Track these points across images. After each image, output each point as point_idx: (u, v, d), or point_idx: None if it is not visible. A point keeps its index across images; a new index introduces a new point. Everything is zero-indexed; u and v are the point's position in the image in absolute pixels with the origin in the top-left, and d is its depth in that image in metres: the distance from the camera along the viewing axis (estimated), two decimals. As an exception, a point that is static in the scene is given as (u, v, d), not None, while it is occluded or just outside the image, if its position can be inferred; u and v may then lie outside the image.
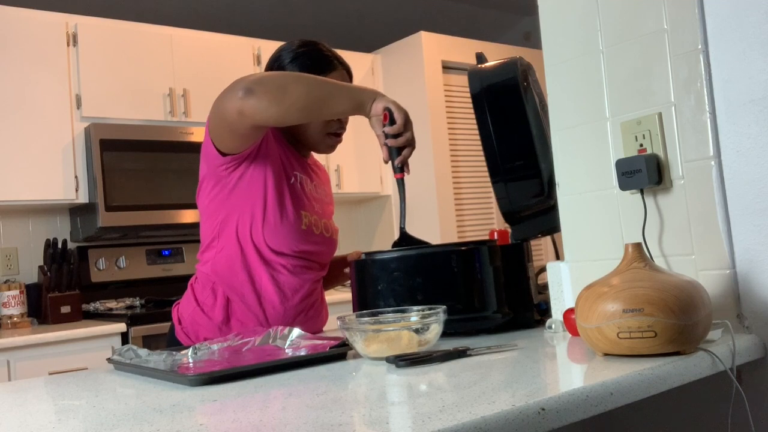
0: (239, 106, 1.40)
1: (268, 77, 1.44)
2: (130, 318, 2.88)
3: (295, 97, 1.40)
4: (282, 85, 1.41)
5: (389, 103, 1.46)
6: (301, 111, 1.44)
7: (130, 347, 1.31)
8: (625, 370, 0.94)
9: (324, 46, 1.67)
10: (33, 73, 3.07)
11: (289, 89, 1.40)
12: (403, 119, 1.45)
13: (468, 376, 0.99)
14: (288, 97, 1.40)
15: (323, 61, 1.63)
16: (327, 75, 1.62)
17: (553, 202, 1.47)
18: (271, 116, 1.41)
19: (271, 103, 1.39)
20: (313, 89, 1.43)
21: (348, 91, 1.46)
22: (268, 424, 0.80)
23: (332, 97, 1.44)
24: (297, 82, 1.43)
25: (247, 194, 1.54)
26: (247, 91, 1.38)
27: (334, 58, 1.65)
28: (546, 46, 1.43)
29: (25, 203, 3.05)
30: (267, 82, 1.41)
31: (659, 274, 1.04)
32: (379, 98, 1.46)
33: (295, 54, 1.63)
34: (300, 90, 1.41)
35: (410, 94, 4.07)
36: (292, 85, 1.41)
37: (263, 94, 1.39)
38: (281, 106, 1.40)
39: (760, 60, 1.14)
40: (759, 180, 1.14)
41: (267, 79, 1.42)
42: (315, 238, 1.61)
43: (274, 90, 1.40)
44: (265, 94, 1.39)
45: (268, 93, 1.39)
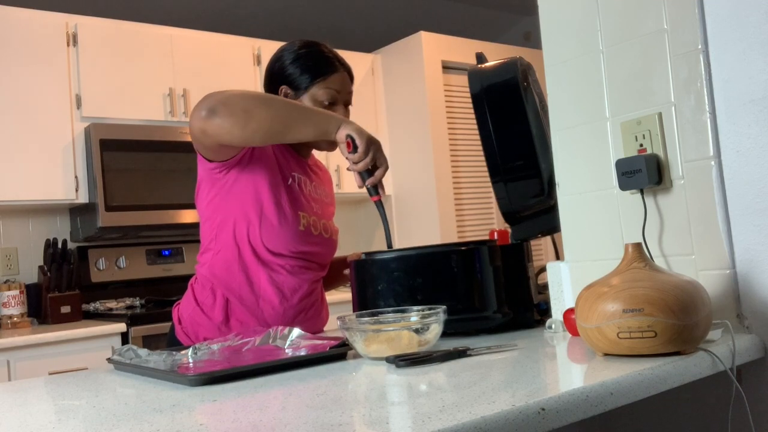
0: (202, 126, 1.41)
1: (234, 98, 1.41)
2: (130, 318, 2.88)
3: (258, 121, 1.39)
4: (247, 109, 1.39)
5: (351, 131, 1.44)
6: (265, 135, 1.43)
7: (130, 347, 1.31)
8: (625, 370, 0.94)
9: (326, 47, 1.67)
10: (33, 73, 3.07)
11: (253, 113, 1.39)
12: (364, 145, 1.44)
13: (468, 376, 0.99)
14: (252, 121, 1.39)
15: (325, 63, 1.63)
16: (328, 76, 1.62)
17: (553, 202, 1.47)
18: (234, 138, 1.42)
19: (234, 126, 1.39)
20: (279, 114, 1.42)
21: (314, 118, 1.45)
22: (267, 424, 0.80)
23: (297, 123, 1.43)
24: (263, 105, 1.41)
25: (243, 196, 1.54)
26: (210, 112, 1.38)
27: (336, 59, 1.65)
28: (546, 46, 1.43)
29: (25, 203, 3.05)
30: (232, 103, 1.39)
31: (659, 274, 1.04)
32: (344, 125, 1.45)
33: (296, 55, 1.63)
34: (265, 114, 1.40)
35: (410, 94, 4.07)
36: (257, 109, 1.40)
37: (227, 116, 1.38)
38: (244, 129, 1.39)
39: (760, 60, 1.14)
40: (759, 180, 1.14)
41: (233, 100, 1.40)
42: (314, 239, 1.61)
43: (239, 112, 1.39)
44: (228, 116, 1.38)
45: (231, 115, 1.38)
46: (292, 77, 1.62)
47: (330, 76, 1.62)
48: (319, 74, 1.61)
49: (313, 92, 1.61)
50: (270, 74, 1.67)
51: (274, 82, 1.65)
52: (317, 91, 1.61)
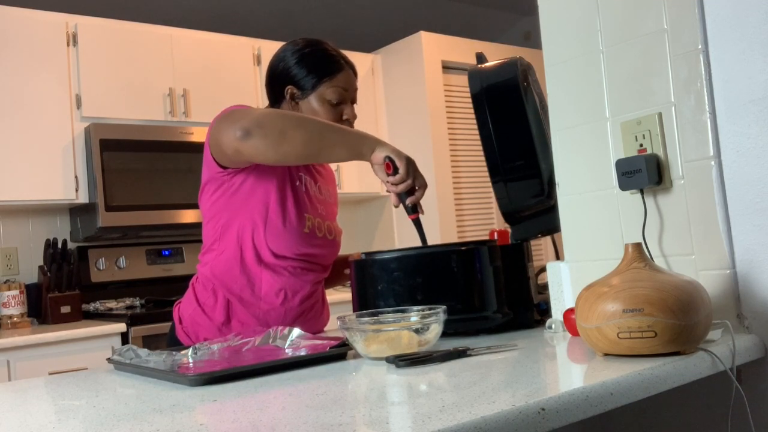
0: (236, 146, 1.42)
1: (268, 119, 1.42)
2: (130, 318, 2.88)
3: (293, 145, 1.40)
4: (282, 131, 1.40)
5: (390, 152, 1.44)
6: (298, 157, 1.46)
7: (130, 347, 1.31)
8: (625, 370, 0.94)
9: (329, 45, 1.66)
10: (33, 73, 3.07)
11: (288, 135, 1.40)
12: (405, 167, 1.44)
13: (468, 376, 0.99)
14: (286, 144, 1.40)
15: (330, 62, 1.62)
16: (335, 75, 1.61)
17: (553, 202, 1.47)
18: (268, 159, 1.44)
19: (269, 148, 1.40)
20: (313, 137, 1.42)
21: (347, 140, 1.46)
22: (267, 424, 0.80)
23: (331, 146, 1.44)
24: (297, 128, 1.41)
25: (249, 198, 1.54)
26: (245, 133, 1.39)
27: (341, 58, 1.65)
28: (546, 46, 1.43)
29: (25, 203, 3.05)
30: (267, 125, 1.40)
31: (659, 274, 1.04)
32: (379, 147, 1.45)
33: (301, 55, 1.62)
34: (299, 138, 1.40)
35: (410, 94, 4.07)
36: (291, 132, 1.40)
37: (262, 138, 1.39)
38: (278, 152, 1.41)
39: (760, 60, 1.14)
40: (759, 180, 1.14)
41: (267, 122, 1.41)
42: (318, 241, 1.61)
43: (274, 134, 1.40)
44: (263, 138, 1.39)
45: (266, 137, 1.39)
46: (298, 77, 1.61)
47: (337, 75, 1.62)
48: (326, 74, 1.60)
49: (321, 92, 1.60)
50: (273, 75, 1.66)
51: (278, 83, 1.64)
52: (325, 90, 1.60)
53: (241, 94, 3.57)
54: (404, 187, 1.46)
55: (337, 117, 1.62)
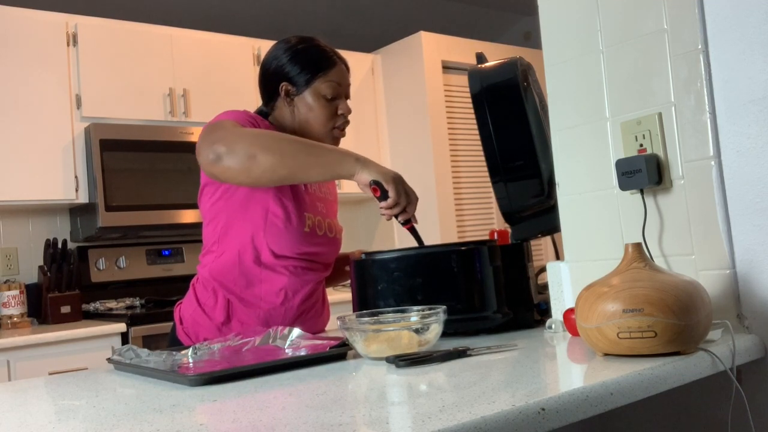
0: (210, 170, 1.44)
1: (241, 143, 1.40)
2: (130, 318, 2.88)
3: (263, 169, 1.39)
4: (251, 155, 1.38)
5: (375, 174, 1.40)
6: (271, 181, 1.44)
7: (130, 347, 1.31)
8: (625, 370, 0.94)
9: (321, 41, 1.67)
10: (33, 73, 3.07)
11: (257, 160, 1.38)
12: (395, 191, 1.41)
13: (468, 376, 0.99)
14: (256, 169, 1.39)
15: (323, 57, 1.63)
16: (329, 70, 1.62)
17: (553, 202, 1.47)
18: (242, 183, 1.45)
19: (239, 173, 1.41)
20: (285, 160, 1.40)
21: (324, 161, 1.42)
22: (267, 424, 0.80)
23: (305, 168, 1.42)
24: (268, 152, 1.39)
25: (248, 200, 1.53)
26: (216, 158, 1.40)
27: (333, 54, 1.65)
28: (546, 46, 1.43)
29: (25, 203, 3.05)
30: (237, 150, 1.39)
31: (659, 274, 1.04)
32: (362, 168, 1.40)
33: (294, 52, 1.63)
34: (270, 162, 1.38)
35: (410, 94, 4.06)
36: (261, 156, 1.38)
37: (231, 162, 1.39)
38: (250, 176, 1.41)
39: (760, 60, 1.14)
40: (759, 180, 1.14)
41: (238, 147, 1.40)
42: (318, 240, 1.61)
43: (243, 160, 1.39)
44: (233, 162, 1.39)
45: (237, 163, 1.39)
46: (292, 74, 1.62)
47: (330, 70, 1.62)
48: (319, 69, 1.61)
49: (316, 87, 1.61)
50: (267, 73, 1.66)
51: (272, 81, 1.64)
52: (320, 85, 1.61)
53: (241, 94, 3.57)
54: (398, 209, 1.44)
55: (332, 111, 1.62)
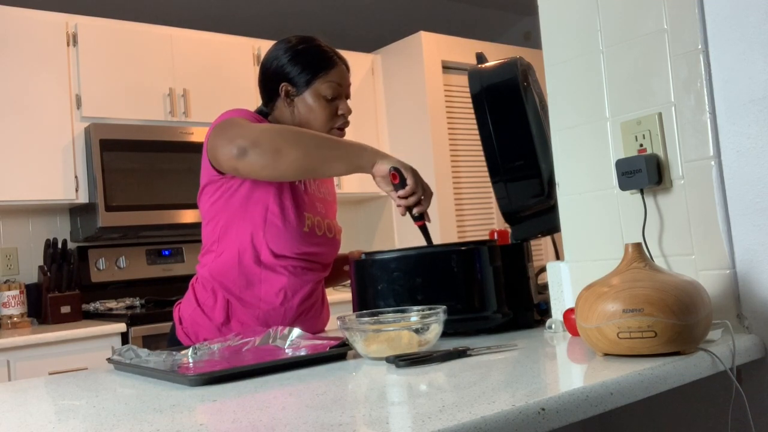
0: (234, 165, 1.45)
1: (264, 137, 1.43)
2: (130, 318, 2.88)
3: (289, 162, 1.42)
4: (277, 149, 1.41)
5: (395, 163, 1.45)
6: (296, 173, 1.47)
7: (130, 347, 1.31)
8: (625, 370, 0.94)
9: (321, 41, 1.67)
10: (33, 73, 3.07)
11: (284, 153, 1.41)
12: (413, 180, 1.45)
13: (468, 376, 0.99)
14: (282, 162, 1.41)
15: (324, 58, 1.63)
16: (329, 71, 1.62)
17: (553, 202, 1.47)
18: (266, 177, 1.47)
19: (265, 167, 1.42)
20: (310, 153, 1.44)
21: (346, 154, 1.46)
22: (267, 424, 0.80)
23: (329, 161, 1.45)
24: (294, 145, 1.43)
25: (248, 200, 1.54)
26: (241, 152, 1.41)
27: (334, 54, 1.65)
28: (546, 46, 1.43)
29: (25, 203, 3.05)
30: (262, 143, 1.42)
31: (659, 274, 1.04)
32: (381, 160, 1.46)
33: (294, 52, 1.63)
34: (295, 155, 1.42)
35: (410, 94, 4.06)
36: (287, 149, 1.42)
37: (258, 156, 1.41)
38: (276, 170, 1.43)
39: (760, 60, 1.14)
40: (759, 180, 1.14)
41: (263, 140, 1.42)
42: (318, 240, 1.61)
43: (270, 153, 1.41)
44: (259, 157, 1.41)
45: (262, 156, 1.41)
46: (293, 74, 1.61)
47: (331, 70, 1.62)
48: (320, 69, 1.61)
49: (316, 87, 1.60)
50: (267, 73, 1.65)
51: (272, 81, 1.64)
52: (320, 86, 1.60)
53: (241, 94, 3.57)
54: (414, 199, 1.46)
55: (332, 112, 1.62)
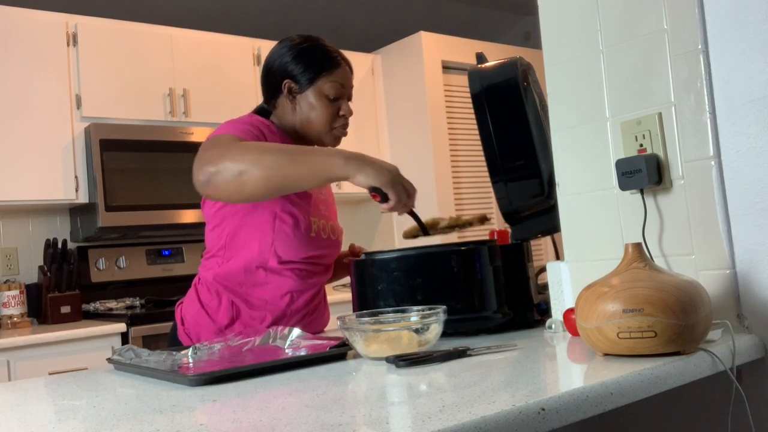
0: (204, 192, 1.42)
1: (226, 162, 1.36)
2: (130, 318, 2.88)
3: (254, 186, 1.35)
4: (239, 174, 1.34)
5: (373, 179, 1.34)
6: (265, 196, 1.41)
7: (130, 347, 1.31)
8: (625, 370, 0.94)
9: (326, 41, 1.67)
10: (33, 73, 3.07)
11: (247, 178, 1.34)
12: (394, 193, 1.36)
13: (468, 376, 0.99)
14: (246, 187, 1.35)
15: (328, 57, 1.62)
16: (333, 71, 1.61)
17: (553, 202, 1.47)
18: (237, 201, 1.44)
19: (232, 194, 1.39)
20: (275, 173, 1.35)
21: (314, 169, 1.36)
22: (268, 424, 0.80)
23: (297, 178, 1.37)
24: (255, 167, 1.34)
25: (255, 206, 1.52)
26: (206, 181, 1.38)
27: (338, 54, 1.65)
28: (546, 46, 1.43)
29: (25, 203, 3.05)
30: (224, 170, 1.35)
31: (659, 274, 1.04)
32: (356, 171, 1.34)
33: (299, 50, 1.62)
34: (258, 177, 1.34)
35: (410, 94, 4.06)
36: (249, 174, 1.34)
37: (222, 185, 1.37)
38: (242, 195, 1.38)
39: (760, 60, 1.14)
40: (759, 180, 1.14)
41: (224, 168, 1.36)
42: (323, 243, 1.61)
43: (232, 180, 1.35)
44: (223, 185, 1.37)
45: (226, 184, 1.36)
46: (296, 72, 1.61)
47: (335, 70, 1.62)
48: (324, 69, 1.61)
49: (319, 86, 1.60)
50: (270, 70, 1.65)
51: (275, 78, 1.64)
52: (323, 85, 1.60)
53: (241, 94, 3.57)
54: (399, 207, 1.40)
55: (334, 112, 1.62)
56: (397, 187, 1.37)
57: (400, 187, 1.38)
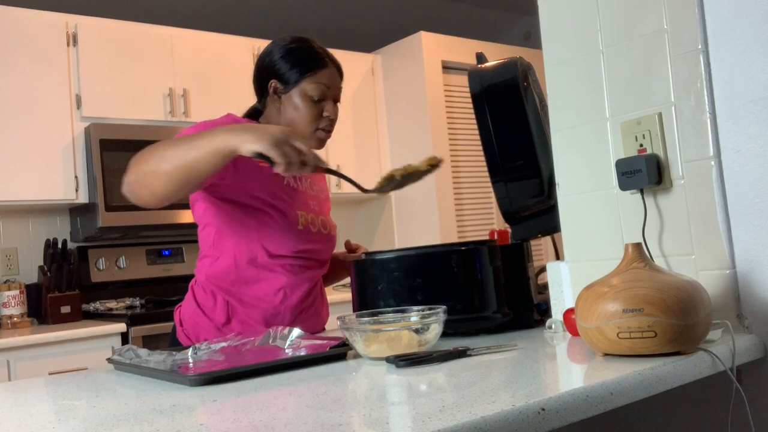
0: (132, 202, 1.43)
1: (133, 171, 1.37)
2: (130, 318, 2.88)
3: (161, 185, 1.34)
4: (144, 177, 1.35)
5: (252, 145, 1.28)
6: (177, 190, 1.37)
7: (130, 347, 1.31)
8: (625, 370, 0.94)
9: (315, 42, 1.67)
10: (33, 73, 3.07)
11: (152, 180, 1.34)
12: (278, 155, 1.27)
13: (468, 376, 0.99)
14: (157, 189, 1.35)
15: (314, 58, 1.62)
16: (318, 71, 1.60)
17: (553, 202, 1.47)
18: (157, 205, 1.41)
19: (149, 198, 1.38)
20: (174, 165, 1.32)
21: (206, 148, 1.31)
22: (268, 424, 0.80)
23: (194, 164, 1.32)
24: (158, 164, 1.34)
25: (239, 203, 1.54)
26: (126, 192, 1.41)
27: (326, 56, 1.64)
28: (546, 46, 1.43)
29: (25, 203, 3.05)
30: (135, 180, 1.37)
31: (659, 274, 1.04)
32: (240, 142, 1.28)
33: (286, 50, 1.63)
34: (162, 174, 1.33)
35: (410, 94, 4.06)
36: (153, 174, 1.34)
37: (137, 192, 1.39)
38: (156, 197, 1.37)
39: (760, 60, 1.14)
40: (759, 180, 1.14)
41: (134, 176, 1.37)
42: (313, 237, 1.61)
43: (144, 185, 1.36)
44: (139, 192, 1.38)
45: (140, 191, 1.38)
46: (282, 72, 1.62)
47: (320, 71, 1.61)
48: (308, 69, 1.61)
49: (303, 87, 1.60)
50: (259, 69, 1.67)
51: (263, 77, 1.65)
52: (307, 85, 1.60)
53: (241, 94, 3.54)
54: (295, 168, 1.31)
55: (317, 113, 1.61)
56: (281, 148, 1.28)
57: (285, 148, 1.29)
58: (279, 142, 1.28)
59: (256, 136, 1.28)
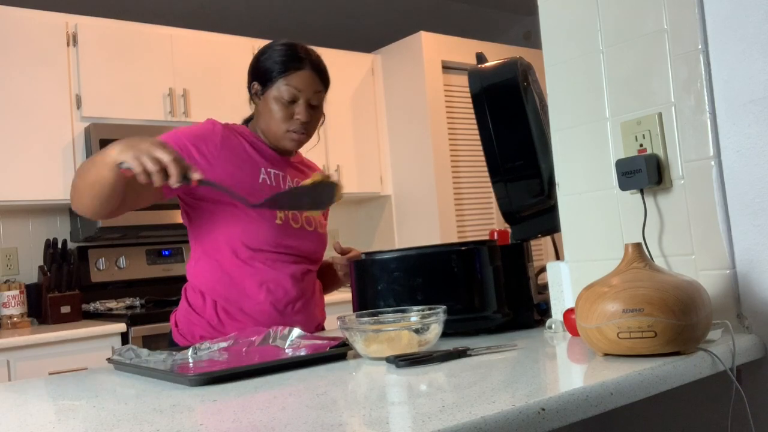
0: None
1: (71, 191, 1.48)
2: (130, 318, 2.88)
3: (86, 202, 1.45)
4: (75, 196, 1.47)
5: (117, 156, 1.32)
6: (100, 206, 1.44)
7: (130, 347, 1.31)
8: (625, 370, 0.94)
9: (302, 46, 1.66)
10: (33, 73, 3.07)
11: (80, 199, 1.45)
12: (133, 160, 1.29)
13: (468, 376, 0.99)
14: (86, 208, 1.46)
15: (291, 60, 1.62)
16: (292, 73, 1.60)
17: (553, 202, 1.47)
18: (95, 218, 1.52)
19: (85, 213, 1.48)
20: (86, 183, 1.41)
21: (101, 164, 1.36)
22: (268, 424, 0.80)
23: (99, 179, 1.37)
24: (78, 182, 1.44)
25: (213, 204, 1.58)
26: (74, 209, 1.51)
27: (306, 58, 1.63)
28: (546, 46, 1.43)
29: (25, 203, 3.05)
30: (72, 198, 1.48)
31: (659, 274, 1.04)
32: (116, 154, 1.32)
33: (270, 52, 1.65)
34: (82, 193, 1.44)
35: (410, 94, 4.06)
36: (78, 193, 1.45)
37: (78, 209, 1.49)
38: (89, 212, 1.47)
39: (760, 60, 1.14)
40: (759, 180, 1.14)
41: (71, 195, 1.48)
42: (295, 232, 1.63)
43: (78, 203, 1.47)
44: (75, 207, 1.49)
45: (78, 208, 1.48)
46: (260, 72, 1.64)
47: (294, 72, 1.60)
48: (283, 71, 1.61)
49: (277, 87, 1.60)
50: (248, 71, 1.71)
51: (248, 80, 1.70)
52: (280, 86, 1.60)
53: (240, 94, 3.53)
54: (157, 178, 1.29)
55: (287, 115, 1.60)
56: (140, 158, 1.29)
57: (143, 157, 1.29)
58: (140, 152, 1.30)
59: (121, 148, 1.33)
